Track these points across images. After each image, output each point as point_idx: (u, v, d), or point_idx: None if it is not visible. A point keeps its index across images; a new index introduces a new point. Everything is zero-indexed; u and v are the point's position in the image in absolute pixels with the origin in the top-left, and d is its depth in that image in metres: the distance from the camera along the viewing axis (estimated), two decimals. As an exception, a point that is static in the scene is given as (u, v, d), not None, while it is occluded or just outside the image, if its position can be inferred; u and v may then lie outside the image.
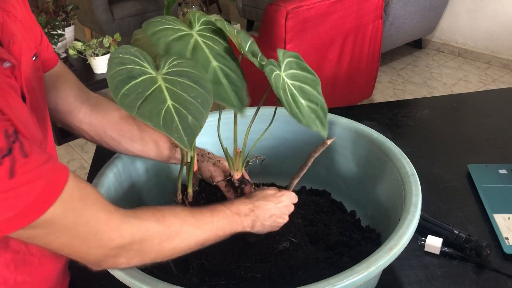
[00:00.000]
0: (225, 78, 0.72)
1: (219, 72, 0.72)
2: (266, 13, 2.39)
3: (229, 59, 0.75)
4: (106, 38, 2.90)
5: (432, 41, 4.18)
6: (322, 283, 0.63)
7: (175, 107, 0.62)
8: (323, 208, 0.99)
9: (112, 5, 4.39)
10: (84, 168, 2.77)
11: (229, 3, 5.98)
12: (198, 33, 0.74)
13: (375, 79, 3.05)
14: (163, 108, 0.61)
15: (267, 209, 0.77)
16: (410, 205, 0.76)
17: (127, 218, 0.62)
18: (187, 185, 0.84)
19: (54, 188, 0.55)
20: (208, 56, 0.72)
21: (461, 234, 0.93)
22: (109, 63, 0.63)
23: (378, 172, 0.93)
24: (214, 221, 0.71)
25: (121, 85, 0.61)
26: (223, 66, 0.72)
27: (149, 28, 0.70)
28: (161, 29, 0.70)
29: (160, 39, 0.69)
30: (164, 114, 0.60)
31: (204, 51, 0.72)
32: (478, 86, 3.54)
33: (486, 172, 1.13)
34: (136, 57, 0.65)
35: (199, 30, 0.74)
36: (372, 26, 2.76)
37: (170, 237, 0.66)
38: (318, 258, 0.82)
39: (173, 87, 0.64)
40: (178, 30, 0.72)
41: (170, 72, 0.65)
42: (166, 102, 0.62)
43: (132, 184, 0.94)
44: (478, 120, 1.40)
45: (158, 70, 0.66)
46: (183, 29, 0.73)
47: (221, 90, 0.70)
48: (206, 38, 0.74)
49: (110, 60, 0.64)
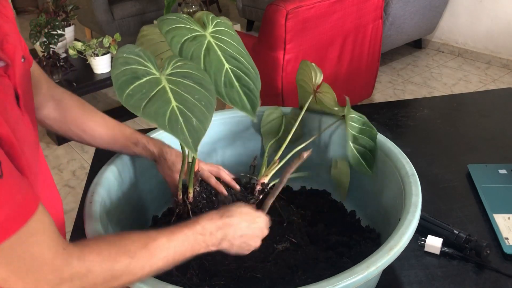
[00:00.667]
0: (237, 81, 0.72)
1: (231, 75, 0.72)
2: (266, 13, 2.39)
3: (242, 61, 0.74)
4: (106, 38, 2.90)
5: (432, 41, 4.18)
6: (322, 283, 0.63)
7: (179, 108, 0.62)
8: (323, 208, 0.99)
9: (112, 5, 4.39)
10: (84, 168, 2.77)
11: (229, 3, 5.98)
12: (211, 35, 0.74)
13: (375, 79, 3.05)
14: (168, 109, 0.61)
15: (238, 228, 0.73)
16: (410, 205, 0.76)
17: (70, 259, 0.58)
18: (188, 186, 0.84)
19: (18, 219, 0.52)
20: (221, 59, 0.72)
21: (461, 234, 0.93)
22: (114, 62, 0.64)
23: (378, 172, 0.93)
24: (171, 247, 0.67)
25: (125, 85, 0.61)
26: (235, 69, 0.72)
27: (164, 26, 0.70)
28: (176, 27, 0.70)
29: (174, 38, 0.69)
30: (169, 115, 0.60)
31: (217, 54, 0.72)
32: (478, 86, 3.55)
33: (486, 172, 1.13)
34: (140, 57, 0.65)
35: (212, 32, 0.74)
36: (372, 26, 2.76)
37: (116, 276, 0.62)
38: (318, 258, 0.82)
39: (177, 88, 0.64)
40: (192, 30, 0.72)
41: (174, 73, 0.65)
42: (171, 103, 0.62)
43: (132, 184, 0.94)
44: (478, 120, 1.40)
45: (162, 71, 0.66)
46: (197, 29, 0.73)
47: (234, 94, 0.70)
48: (219, 40, 0.74)
49: (115, 59, 0.64)
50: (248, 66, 0.75)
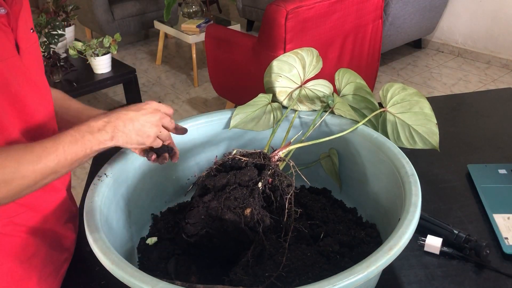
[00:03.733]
0: None
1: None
2: (266, 13, 2.39)
3: None
4: (106, 38, 2.90)
5: (432, 41, 4.18)
6: (322, 283, 0.63)
7: None
8: (325, 207, 0.99)
9: (112, 5, 4.40)
10: (84, 168, 2.77)
11: (229, 3, 5.98)
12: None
13: (375, 79, 3.05)
14: None
15: (127, 118, 0.75)
16: (410, 205, 0.76)
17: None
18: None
19: None
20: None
21: (460, 234, 0.93)
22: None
23: (378, 172, 0.93)
24: (59, 148, 0.70)
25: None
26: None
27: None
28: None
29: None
30: None
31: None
32: (477, 86, 3.55)
33: (486, 172, 1.14)
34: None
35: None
36: (372, 26, 2.76)
37: (7, 180, 0.66)
38: (318, 258, 0.82)
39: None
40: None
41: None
42: None
43: (132, 184, 0.94)
44: (478, 120, 1.41)
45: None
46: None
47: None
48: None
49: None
50: None
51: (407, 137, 0.98)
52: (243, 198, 0.81)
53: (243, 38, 2.76)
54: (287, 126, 1.01)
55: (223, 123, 1.04)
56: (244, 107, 1.01)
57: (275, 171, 0.85)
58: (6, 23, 0.74)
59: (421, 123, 0.97)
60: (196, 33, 3.77)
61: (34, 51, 0.83)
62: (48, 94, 0.86)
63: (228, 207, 0.80)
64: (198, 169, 1.04)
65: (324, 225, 0.92)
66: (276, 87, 1.02)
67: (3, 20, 0.73)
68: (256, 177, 0.84)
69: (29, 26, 0.82)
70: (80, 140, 0.72)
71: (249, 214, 0.80)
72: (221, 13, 5.68)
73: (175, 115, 3.30)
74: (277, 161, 0.88)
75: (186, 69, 4.20)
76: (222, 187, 0.83)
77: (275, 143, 0.97)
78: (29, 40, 0.81)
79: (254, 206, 0.80)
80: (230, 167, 0.87)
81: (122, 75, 3.14)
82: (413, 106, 0.97)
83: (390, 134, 0.99)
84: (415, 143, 0.98)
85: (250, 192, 0.82)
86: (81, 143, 0.72)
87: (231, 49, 2.81)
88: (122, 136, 0.75)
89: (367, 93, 1.02)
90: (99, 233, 0.73)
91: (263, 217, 0.81)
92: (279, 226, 0.86)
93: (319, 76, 1.04)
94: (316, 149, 1.01)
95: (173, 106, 3.46)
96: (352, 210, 1.00)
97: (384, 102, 1.00)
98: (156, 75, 4.11)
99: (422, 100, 0.97)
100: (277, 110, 1.04)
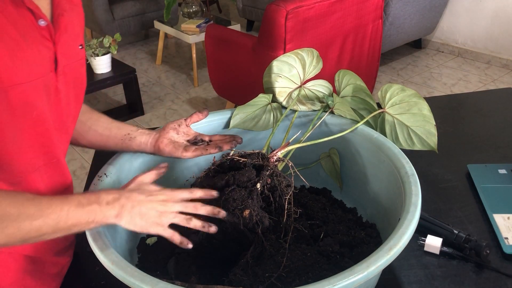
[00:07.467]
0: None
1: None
2: (266, 13, 2.39)
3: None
4: (106, 38, 2.90)
5: (432, 41, 4.18)
6: (322, 283, 0.63)
7: None
8: (325, 207, 0.99)
9: (112, 5, 4.40)
10: (84, 168, 2.77)
11: (229, 3, 5.98)
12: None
13: (375, 79, 3.05)
14: None
15: (136, 200, 0.73)
16: (409, 205, 0.76)
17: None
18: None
19: None
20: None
21: (460, 234, 0.93)
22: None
23: (378, 172, 0.93)
24: (64, 210, 0.67)
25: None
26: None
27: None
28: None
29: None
30: None
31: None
32: (477, 86, 3.55)
33: (486, 172, 1.14)
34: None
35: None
36: (372, 26, 2.76)
37: (2, 227, 0.64)
38: (318, 258, 0.82)
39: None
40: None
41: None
42: None
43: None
44: (478, 120, 1.41)
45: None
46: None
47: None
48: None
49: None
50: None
51: (406, 138, 0.98)
52: (241, 199, 0.81)
53: (243, 38, 2.76)
54: (287, 126, 1.01)
55: (223, 123, 1.04)
56: (244, 107, 1.01)
57: (273, 172, 0.85)
58: (48, 36, 0.72)
59: (420, 124, 0.97)
60: (196, 33, 3.77)
61: (76, 69, 0.80)
62: (74, 116, 0.85)
63: (227, 209, 0.80)
64: (198, 169, 1.04)
65: (324, 225, 0.92)
66: (276, 87, 1.02)
67: (44, 33, 0.71)
68: (255, 178, 0.84)
69: (78, 42, 0.80)
70: (86, 207, 0.69)
71: (248, 215, 0.80)
72: (221, 13, 5.68)
73: (175, 115, 3.31)
74: (276, 161, 0.88)
75: (186, 69, 4.20)
76: (220, 188, 0.83)
77: (275, 143, 0.97)
78: (74, 56, 0.79)
79: (253, 207, 0.80)
80: (228, 167, 0.87)
81: (122, 75, 3.14)
82: (412, 107, 0.97)
83: (388, 135, 0.99)
84: (413, 145, 0.98)
85: (249, 193, 0.82)
86: (87, 211, 0.69)
87: (231, 49, 2.82)
88: (127, 217, 0.72)
89: (367, 95, 1.02)
90: (99, 233, 0.73)
91: (262, 218, 0.81)
92: (279, 227, 0.86)
93: (319, 75, 1.04)
94: (316, 149, 1.01)
95: (173, 106, 3.46)
96: (352, 210, 1.00)
97: (382, 103, 0.99)
98: (156, 75, 4.11)
99: (421, 101, 0.97)
100: (277, 110, 1.04)
